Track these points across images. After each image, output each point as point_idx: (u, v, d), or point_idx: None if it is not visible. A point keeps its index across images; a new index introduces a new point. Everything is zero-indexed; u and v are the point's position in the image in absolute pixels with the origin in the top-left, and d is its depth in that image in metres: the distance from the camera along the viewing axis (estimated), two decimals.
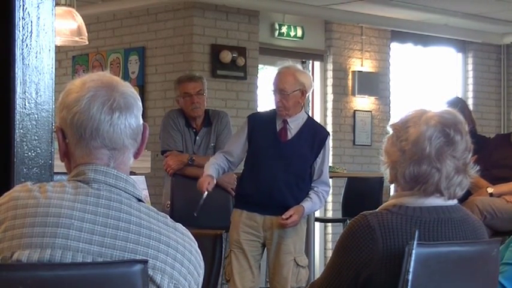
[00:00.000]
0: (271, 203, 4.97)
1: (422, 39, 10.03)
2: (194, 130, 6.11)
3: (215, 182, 5.06)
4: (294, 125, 5.08)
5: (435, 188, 2.52)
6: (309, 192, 5.04)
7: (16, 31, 2.57)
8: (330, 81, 9.32)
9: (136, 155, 2.05)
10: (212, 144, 6.09)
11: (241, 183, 5.14)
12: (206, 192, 4.97)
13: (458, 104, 5.80)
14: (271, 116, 5.10)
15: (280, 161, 4.98)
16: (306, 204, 5.00)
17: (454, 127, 2.53)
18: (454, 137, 2.51)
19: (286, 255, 5.02)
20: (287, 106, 5.02)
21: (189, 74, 6.40)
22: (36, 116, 2.61)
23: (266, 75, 8.67)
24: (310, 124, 5.19)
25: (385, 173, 2.62)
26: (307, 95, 5.17)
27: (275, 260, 5.03)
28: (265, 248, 5.11)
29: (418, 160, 2.51)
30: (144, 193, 4.14)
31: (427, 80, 10.39)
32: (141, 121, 2.04)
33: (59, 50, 8.14)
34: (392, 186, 2.65)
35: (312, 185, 5.07)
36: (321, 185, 5.09)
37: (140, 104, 2.04)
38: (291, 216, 4.92)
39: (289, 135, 5.06)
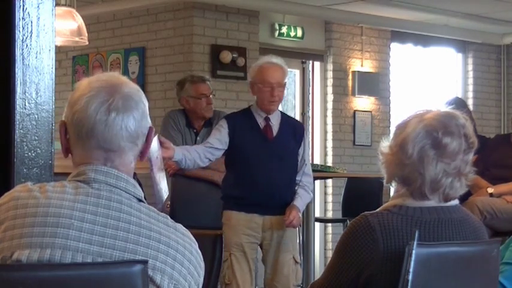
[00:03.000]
0: (271, 203, 4.93)
1: (423, 39, 10.03)
2: (195, 131, 6.12)
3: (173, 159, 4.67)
4: (275, 121, 5.01)
5: (419, 191, 2.51)
6: (296, 189, 4.99)
7: (16, 31, 2.57)
8: (330, 82, 9.32)
9: (141, 157, 2.04)
10: None
11: (234, 186, 4.99)
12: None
13: (459, 104, 5.81)
14: (249, 114, 5.01)
15: (273, 160, 4.93)
16: (298, 203, 4.94)
17: (443, 129, 2.50)
18: (441, 140, 2.49)
19: (286, 253, 4.99)
20: (281, 99, 5.03)
21: (200, 76, 6.41)
22: (36, 116, 2.61)
23: None
24: (286, 118, 5.16)
25: (383, 172, 2.62)
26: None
27: (274, 260, 4.99)
28: (261, 249, 5.07)
29: (401, 163, 2.51)
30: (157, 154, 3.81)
31: (427, 81, 10.39)
32: (147, 124, 2.02)
33: (59, 50, 8.15)
34: (392, 187, 2.65)
35: (297, 178, 5.01)
36: (305, 177, 5.03)
37: (145, 107, 2.01)
38: (289, 214, 4.87)
39: (274, 132, 4.99)
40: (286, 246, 5.00)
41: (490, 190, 5.67)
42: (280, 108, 5.27)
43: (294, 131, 5.05)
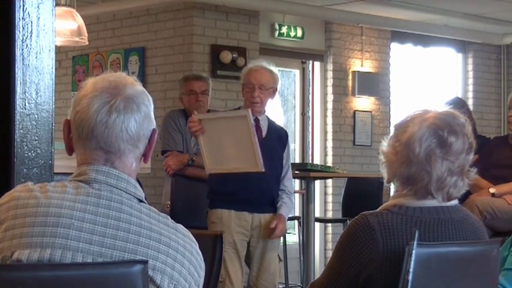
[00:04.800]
0: (261, 200, 5.02)
1: (422, 39, 10.03)
2: None
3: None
4: (263, 123, 5.15)
5: (425, 190, 2.51)
6: (282, 196, 5.12)
7: (16, 31, 2.57)
8: (330, 82, 9.32)
9: (145, 160, 2.04)
10: None
11: (225, 182, 5.04)
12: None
13: (457, 104, 5.81)
14: None
15: (263, 157, 5.01)
16: (284, 211, 5.10)
17: (448, 128, 2.51)
18: (447, 138, 2.50)
19: (273, 251, 5.09)
20: (264, 102, 5.09)
21: (196, 74, 6.53)
22: (36, 116, 2.61)
23: None
24: (272, 123, 5.29)
25: (383, 172, 2.62)
26: (275, 95, 5.24)
27: (261, 258, 5.05)
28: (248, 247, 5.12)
29: (407, 162, 2.51)
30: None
31: (427, 81, 10.39)
32: (150, 126, 2.01)
33: (59, 50, 8.15)
34: (392, 187, 2.65)
35: (282, 186, 5.14)
36: (288, 181, 5.19)
37: (147, 110, 2.00)
38: (278, 227, 5.01)
39: (263, 133, 5.12)
40: (272, 244, 5.09)
41: (492, 190, 5.67)
42: (281, 110, 5.33)
43: (279, 135, 5.22)
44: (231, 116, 4.96)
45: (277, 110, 9.20)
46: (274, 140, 5.14)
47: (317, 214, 8.45)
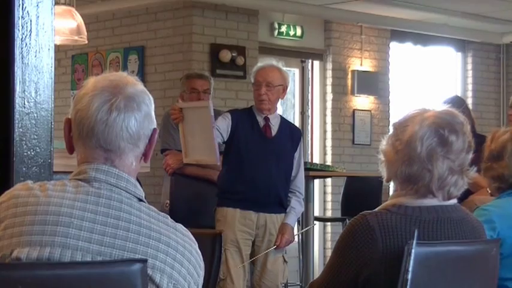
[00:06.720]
0: (268, 200, 5.01)
1: (422, 38, 10.03)
2: None
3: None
4: (274, 122, 5.14)
5: (426, 189, 2.51)
6: (291, 200, 5.11)
7: (15, 30, 2.57)
8: (329, 81, 9.32)
9: (145, 159, 2.04)
10: None
11: (231, 181, 5.07)
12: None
13: (456, 102, 5.80)
14: (251, 113, 5.14)
15: (270, 157, 5.03)
16: (291, 220, 5.10)
17: (449, 127, 2.51)
18: (448, 137, 2.50)
19: (278, 252, 5.09)
20: (272, 100, 5.07)
21: (198, 72, 6.51)
22: (35, 115, 2.61)
23: None
24: (285, 122, 5.29)
25: (382, 171, 2.62)
26: (285, 93, 5.24)
27: (266, 257, 5.06)
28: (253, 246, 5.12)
29: (409, 160, 2.51)
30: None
31: (426, 80, 10.39)
32: (151, 125, 2.02)
33: (58, 49, 8.14)
34: (391, 186, 2.65)
35: (292, 187, 5.13)
36: (299, 183, 5.17)
37: (148, 109, 2.01)
38: (282, 238, 5.01)
39: (273, 132, 5.11)
40: None
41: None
42: (280, 109, 5.33)
43: (292, 134, 5.19)
44: (198, 106, 4.98)
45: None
46: (285, 140, 5.12)
47: (316, 213, 8.45)
